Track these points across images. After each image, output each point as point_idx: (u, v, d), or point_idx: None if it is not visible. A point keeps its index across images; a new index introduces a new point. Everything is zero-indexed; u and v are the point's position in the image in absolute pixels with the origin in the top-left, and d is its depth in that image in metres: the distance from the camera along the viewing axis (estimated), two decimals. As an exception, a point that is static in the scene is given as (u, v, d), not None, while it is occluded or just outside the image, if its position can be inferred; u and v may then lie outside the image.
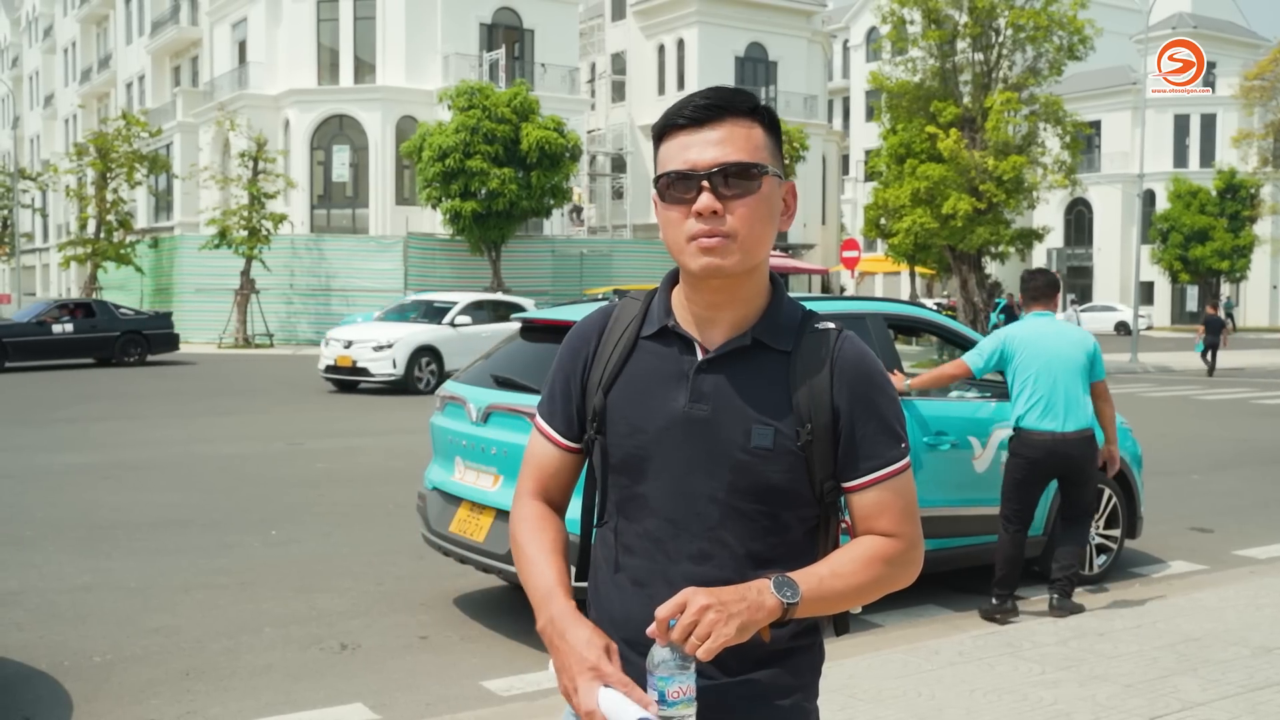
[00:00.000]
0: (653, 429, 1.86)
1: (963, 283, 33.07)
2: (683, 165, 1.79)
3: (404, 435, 14.46)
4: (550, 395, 2.00)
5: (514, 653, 5.75)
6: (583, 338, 1.99)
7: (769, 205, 1.83)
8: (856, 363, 1.86)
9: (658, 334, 1.91)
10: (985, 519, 6.67)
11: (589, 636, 1.73)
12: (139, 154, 38.16)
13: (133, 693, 5.17)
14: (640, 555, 1.88)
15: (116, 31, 61.48)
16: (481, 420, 6.09)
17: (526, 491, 2.01)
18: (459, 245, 36.67)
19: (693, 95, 1.84)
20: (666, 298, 1.94)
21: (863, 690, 4.91)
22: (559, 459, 1.99)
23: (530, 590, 1.87)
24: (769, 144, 1.84)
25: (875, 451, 1.85)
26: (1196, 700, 4.80)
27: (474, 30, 43.07)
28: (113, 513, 9.29)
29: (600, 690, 1.66)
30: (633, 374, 1.90)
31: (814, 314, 1.92)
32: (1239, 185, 53.10)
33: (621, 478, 1.90)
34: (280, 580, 7.19)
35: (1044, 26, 30.95)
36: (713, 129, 1.79)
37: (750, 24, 51.77)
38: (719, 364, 1.85)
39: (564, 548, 1.93)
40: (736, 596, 1.69)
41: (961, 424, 6.74)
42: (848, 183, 68.10)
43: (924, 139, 32.14)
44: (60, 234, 58.72)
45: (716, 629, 1.65)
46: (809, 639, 1.92)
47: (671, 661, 1.66)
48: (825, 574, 1.79)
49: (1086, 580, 7.09)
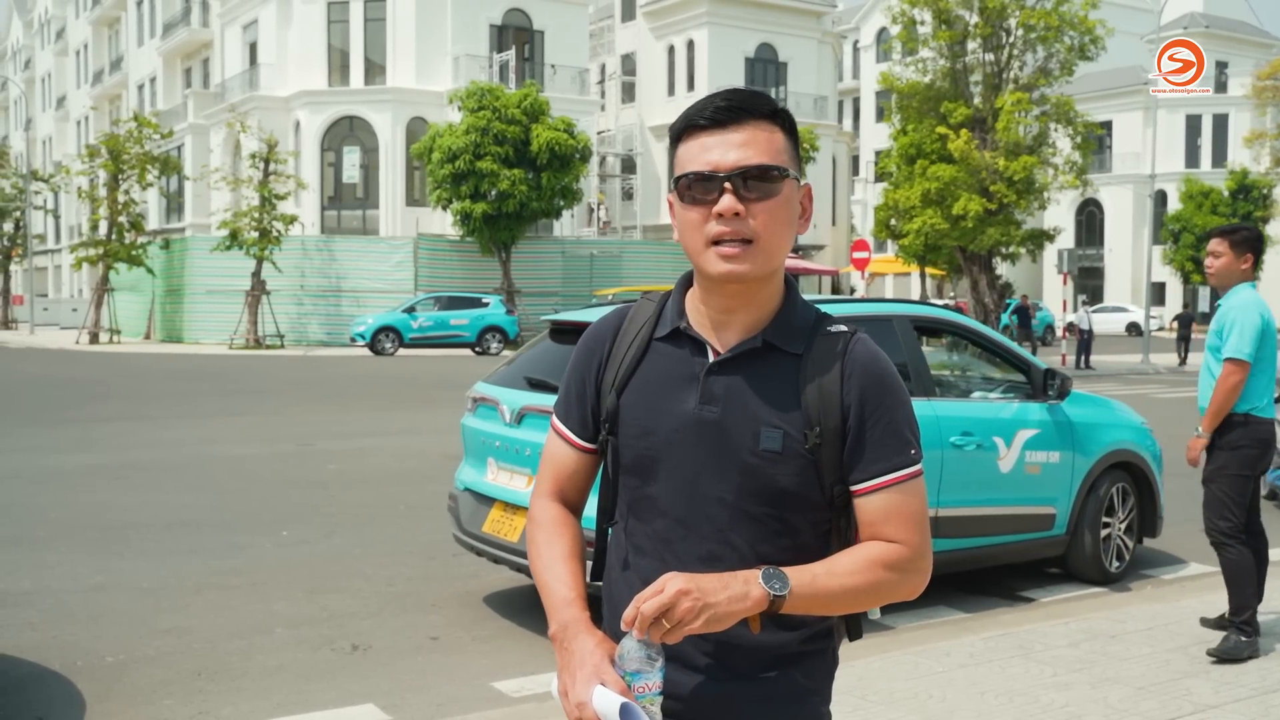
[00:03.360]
0: (663, 431, 1.86)
1: (973, 284, 32.99)
2: (705, 166, 1.78)
3: (415, 436, 14.49)
4: (566, 396, 2.01)
5: (525, 654, 5.75)
6: (598, 339, 1.99)
7: (789, 209, 1.83)
8: (868, 365, 1.85)
9: (670, 336, 1.91)
10: (1009, 519, 6.82)
11: (595, 644, 1.75)
12: (150, 155, 38.31)
13: (145, 693, 5.18)
14: (650, 555, 1.88)
15: (128, 33, 61.71)
16: (515, 421, 6.12)
17: (544, 492, 2.02)
18: (469, 246, 36.75)
19: (713, 96, 1.83)
20: (680, 300, 1.94)
21: (874, 692, 4.90)
22: (575, 460, 2.00)
23: (545, 594, 1.88)
24: (789, 147, 1.84)
25: (883, 455, 1.83)
26: (1209, 703, 4.78)
27: (484, 31, 43.15)
28: (124, 513, 9.32)
29: (595, 687, 1.67)
30: (645, 376, 1.90)
31: (827, 316, 1.91)
32: (1251, 186, 52.92)
33: (632, 478, 1.91)
34: (291, 581, 7.20)
35: (1055, 27, 30.86)
36: (735, 131, 1.79)
37: (760, 25, 51.77)
38: (730, 366, 1.85)
39: (580, 552, 1.94)
40: (718, 585, 1.69)
41: (987, 425, 6.77)
42: (858, 183, 68.01)
43: (934, 140, 32.09)
44: (72, 235, 58.95)
45: (688, 617, 1.65)
46: (822, 643, 1.91)
47: (640, 655, 1.66)
48: (820, 572, 1.78)
49: (1110, 579, 7.28)
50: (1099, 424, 7.37)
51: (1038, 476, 6.94)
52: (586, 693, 1.67)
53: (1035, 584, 7.34)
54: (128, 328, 40.27)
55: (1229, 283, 5.71)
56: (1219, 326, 5.60)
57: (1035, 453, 6.90)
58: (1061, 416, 7.10)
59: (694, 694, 1.83)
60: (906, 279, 60.65)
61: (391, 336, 33.01)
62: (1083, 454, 7.16)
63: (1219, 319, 5.61)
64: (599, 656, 1.72)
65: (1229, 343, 5.49)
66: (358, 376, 24.81)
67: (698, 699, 1.83)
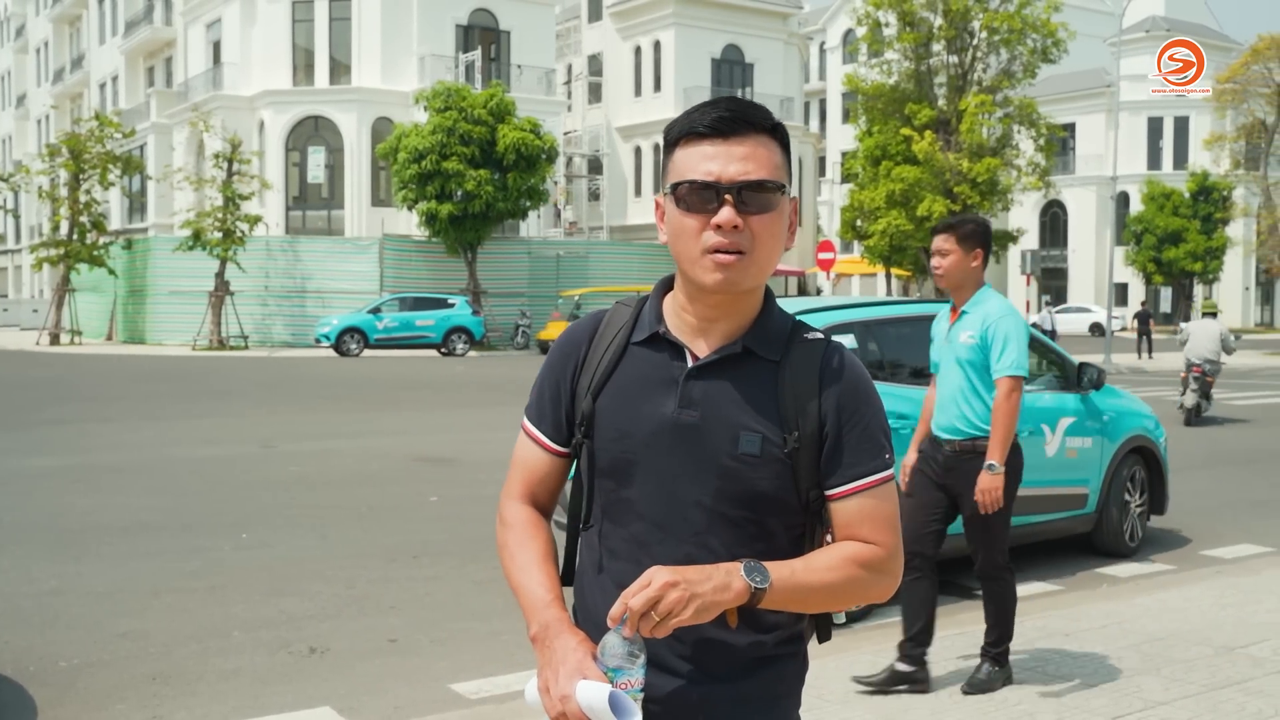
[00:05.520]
0: (641, 434, 1.87)
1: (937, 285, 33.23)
2: (706, 176, 1.80)
3: (379, 438, 14.44)
4: (539, 399, 2.01)
5: (483, 656, 5.75)
6: (573, 342, 1.99)
7: (781, 222, 1.86)
8: (844, 372, 1.89)
9: (648, 340, 1.92)
10: (1053, 498, 7.62)
11: (578, 642, 1.76)
12: (112, 155, 37.94)
13: (99, 698, 5.15)
14: (624, 559, 1.89)
15: (90, 31, 61.11)
16: None
17: (514, 495, 2.02)
18: (435, 247, 36.63)
19: (712, 104, 1.85)
20: (658, 304, 1.95)
21: (830, 691, 4.93)
22: (547, 463, 2.00)
23: (522, 596, 1.89)
24: (784, 162, 1.87)
25: (859, 460, 1.86)
26: (1159, 699, 4.85)
27: (450, 31, 43.02)
28: (83, 516, 9.24)
29: (579, 681, 1.69)
30: (622, 379, 1.91)
31: (803, 324, 1.94)
32: (1212, 187, 53.55)
33: (608, 481, 1.92)
34: (250, 584, 7.16)
35: (1018, 30, 31.18)
36: (738, 144, 1.81)
37: (727, 26, 51.89)
38: (709, 371, 1.87)
39: (554, 554, 1.96)
40: (702, 576, 1.71)
41: (1037, 413, 7.38)
42: (824, 185, 68.30)
43: (899, 141, 32.32)
44: (33, 235, 58.34)
45: (677, 608, 1.67)
46: (794, 647, 1.94)
47: (622, 651, 1.68)
48: (799, 567, 1.81)
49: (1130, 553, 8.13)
50: (1121, 412, 8.21)
51: (1075, 460, 7.69)
52: (570, 687, 1.69)
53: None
54: (89, 329, 39.87)
55: (960, 282, 5.02)
56: (981, 339, 4.94)
57: (1073, 438, 7.65)
58: (1093, 405, 7.87)
59: (671, 696, 1.85)
60: (873, 280, 60.94)
61: (356, 337, 32.88)
62: (1109, 439, 7.97)
63: (983, 330, 4.94)
64: (582, 653, 1.73)
65: (1005, 358, 4.87)
66: (322, 378, 24.69)
67: (674, 701, 1.85)
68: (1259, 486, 11.44)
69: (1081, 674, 5.20)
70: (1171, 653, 5.51)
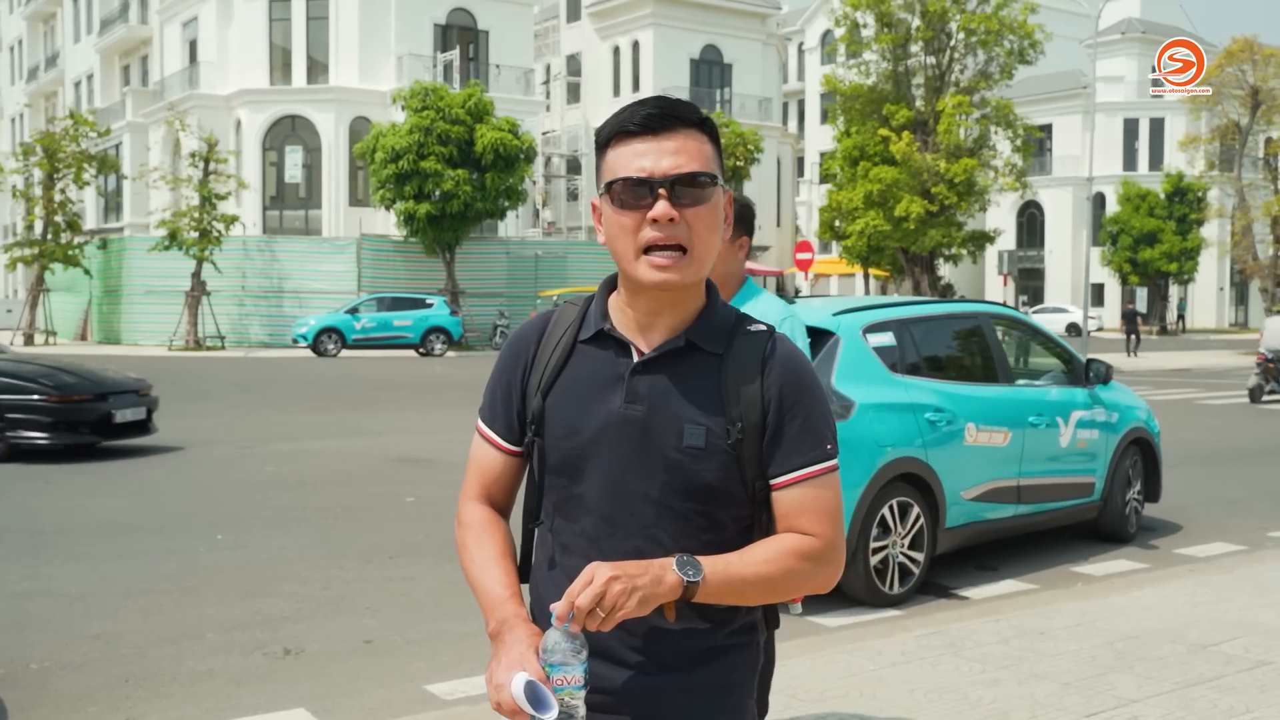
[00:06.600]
0: (589, 430, 1.89)
1: (915, 285, 33.37)
2: (639, 172, 1.82)
3: (356, 438, 14.39)
4: (491, 400, 2.03)
5: (459, 657, 5.73)
6: (523, 342, 2.02)
7: (717, 215, 1.88)
8: (786, 363, 1.90)
9: (595, 338, 1.94)
10: (1066, 487, 8.06)
11: (527, 635, 1.78)
12: (87, 154, 37.63)
13: (70, 700, 5.11)
14: (576, 554, 1.91)
15: (64, 29, 60.64)
16: None
17: (471, 495, 2.04)
18: (413, 247, 36.52)
19: (640, 103, 1.87)
20: (603, 302, 1.97)
21: (805, 691, 4.94)
22: (501, 463, 2.02)
23: (480, 594, 1.91)
24: (716, 155, 1.90)
25: (800, 450, 1.88)
26: (1132, 697, 4.87)
27: (428, 31, 42.89)
28: (55, 517, 9.17)
29: (516, 673, 1.72)
30: (570, 377, 1.93)
31: (747, 317, 1.97)
32: (1187, 189, 53.95)
33: (559, 479, 1.94)
34: (225, 585, 7.12)
35: (995, 31, 31.34)
36: (668, 139, 1.83)
37: (705, 26, 51.93)
38: (654, 366, 1.89)
39: (511, 551, 1.98)
40: (640, 570, 1.74)
41: (1051, 406, 7.95)
42: (802, 185, 68.43)
43: (877, 142, 32.44)
44: (6, 235, 57.81)
45: (621, 600, 1.69)
46: (746, 637, 1.96)
47: (564, 647, 1.70)
48: (734, 560, 1.82)
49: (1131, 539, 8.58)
50: (1123, 405, 8.65)
51: (1085, 450, 8.15)
52: (507, 678, 1.72)
53: (968, 581, 7.45)
54: (64, 329, 39.57)
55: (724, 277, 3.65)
56: None
57: (1083, 430, 8.12)
58: (1099, 399, 8.36)
59: (623, 688, 1.87)
60: (851, 280, 61.13)
61: (334, 338, 32.75)
62: (1114, 431, 8.42)
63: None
64: (525, 646, 1.76)
65: None
66: (299, 378, 24.58)
67: (627, 692, 1.87)
68: (1231, 485, 11.52)
69: (1055, 672, 5.22)
70: (1145, 650, 5.54)
